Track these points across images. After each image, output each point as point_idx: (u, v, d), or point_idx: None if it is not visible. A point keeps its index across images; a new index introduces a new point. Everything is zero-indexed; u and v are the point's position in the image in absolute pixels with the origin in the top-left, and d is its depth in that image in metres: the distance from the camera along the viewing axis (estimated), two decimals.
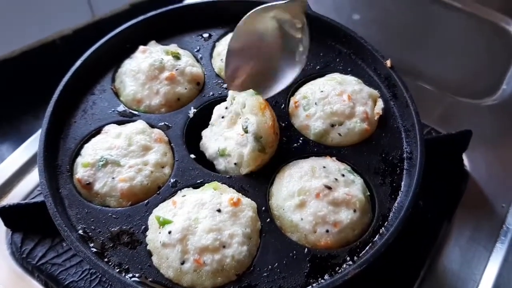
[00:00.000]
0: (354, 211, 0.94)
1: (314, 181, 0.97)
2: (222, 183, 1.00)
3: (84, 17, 1.64)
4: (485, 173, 1.26)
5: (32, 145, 1.27)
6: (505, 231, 1.16)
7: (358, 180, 1.00)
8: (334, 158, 1.04)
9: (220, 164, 1.06)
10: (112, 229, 0.94)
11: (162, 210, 0.96)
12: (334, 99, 1.10)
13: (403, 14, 1.68)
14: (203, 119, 1.11)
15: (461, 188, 1.22)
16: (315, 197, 0.95)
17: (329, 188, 0.96)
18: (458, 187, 1.22)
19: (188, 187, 1.00)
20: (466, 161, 1.27)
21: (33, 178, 1.21)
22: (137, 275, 0.89)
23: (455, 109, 1.41)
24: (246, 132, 0.98)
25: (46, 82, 1.10)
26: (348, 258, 0.91)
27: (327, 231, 0.93)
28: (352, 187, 0.98)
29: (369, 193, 1.00)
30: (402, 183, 1.02)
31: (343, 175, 0.99)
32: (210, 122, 1.10)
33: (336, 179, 0.98)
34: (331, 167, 1.00)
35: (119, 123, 1.09)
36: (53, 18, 1.58)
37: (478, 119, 1.38)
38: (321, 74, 1.19)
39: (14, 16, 1.49)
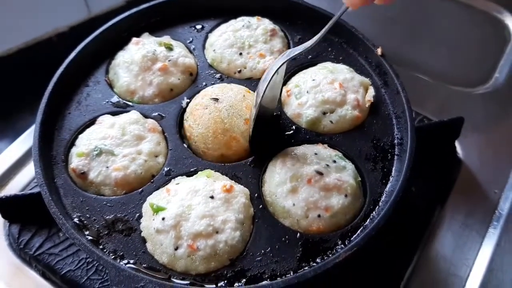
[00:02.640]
0: (345, 196, 0.96)
1: (306, 168, 0.98)
2: (215, 171, 1.01)
3: (80, 14, 1.64)
4: (477, 160, 1.26)
5: (28, 139, 1.28)
6: (497, 216, 1.17)
7: (350, 166, 1.01)
8: (325, 145, 1.05)
9: None
10: (107, 217, 0.95)
11: (156, 197, 0.97)
12: (325, 87, 1.11)
13: (397, 4, 1.68)
14: None
15: (454, 174, 1.23)
16: (307, 183, 0.96)
17: (321, 174, 0.97)
18: (451, 173, 1.23)
19: (181, 175, 1.01)
20: (458, 148, 1.28)
21: (30, 170, 1.23)
22: (131, 261, 0.90)
23: (448, 98, 1.42)
24: None
25: (42, 79, 1.11)
26: (339, 242, 0.92)
27: (319, 216, 0.94)
28: (344, 172, 0.99)
29: (360, 179, 1.01)
30: (393, 168, 1.03)
31: (334, 161, 1.00)
32: None
33: (327, 165, 0.99)
34: (322, 154, 1.01)
35: (113, 113, 1.10)
36: (49, 15, 1.57)
37: (471, 107, 1.38)
38: (313, 63, 1.20)
39: (10, 14, 1.49)
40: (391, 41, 1.43)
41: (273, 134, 1.08)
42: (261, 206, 0.97)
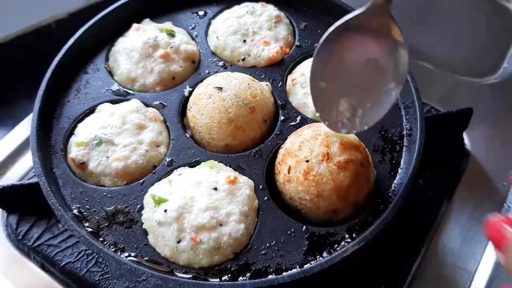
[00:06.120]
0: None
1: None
2: (218, 162, 0.98)
3: (80, 1, 1.62)
4: (485, 152, 1.24)
5: (27, 127, 1.25)
6: (506, 209, 1.14)
7: None
8: None
9: None
10: (107, 209, 0.93)
11: (158, 189, 0.94)
12: None
13: None
14: None
15: (461, 166, 1.20)
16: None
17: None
18: (459, 165, 1.20)
19: (184, 166, 0.99)
20: (466, 140, 1.25)
21: (29, 159, 1.19)
22: (133, 254, 0.88)
23: (456, 88, 1.39)
24: None
25: (41, 67, 1.09)
26: (346, 236, 0.90)
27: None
28: None
29: None
30: (402, 160, 1.00)
31: None
32: None
33: None
34: None
35: (113, 102, 1.07)
36: (48, 2, 1.55)
37: (479, 98, 1.36)
38: None
39: (9, 0, 1.47)
40: None
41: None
42: (266, 198, 0.94)
